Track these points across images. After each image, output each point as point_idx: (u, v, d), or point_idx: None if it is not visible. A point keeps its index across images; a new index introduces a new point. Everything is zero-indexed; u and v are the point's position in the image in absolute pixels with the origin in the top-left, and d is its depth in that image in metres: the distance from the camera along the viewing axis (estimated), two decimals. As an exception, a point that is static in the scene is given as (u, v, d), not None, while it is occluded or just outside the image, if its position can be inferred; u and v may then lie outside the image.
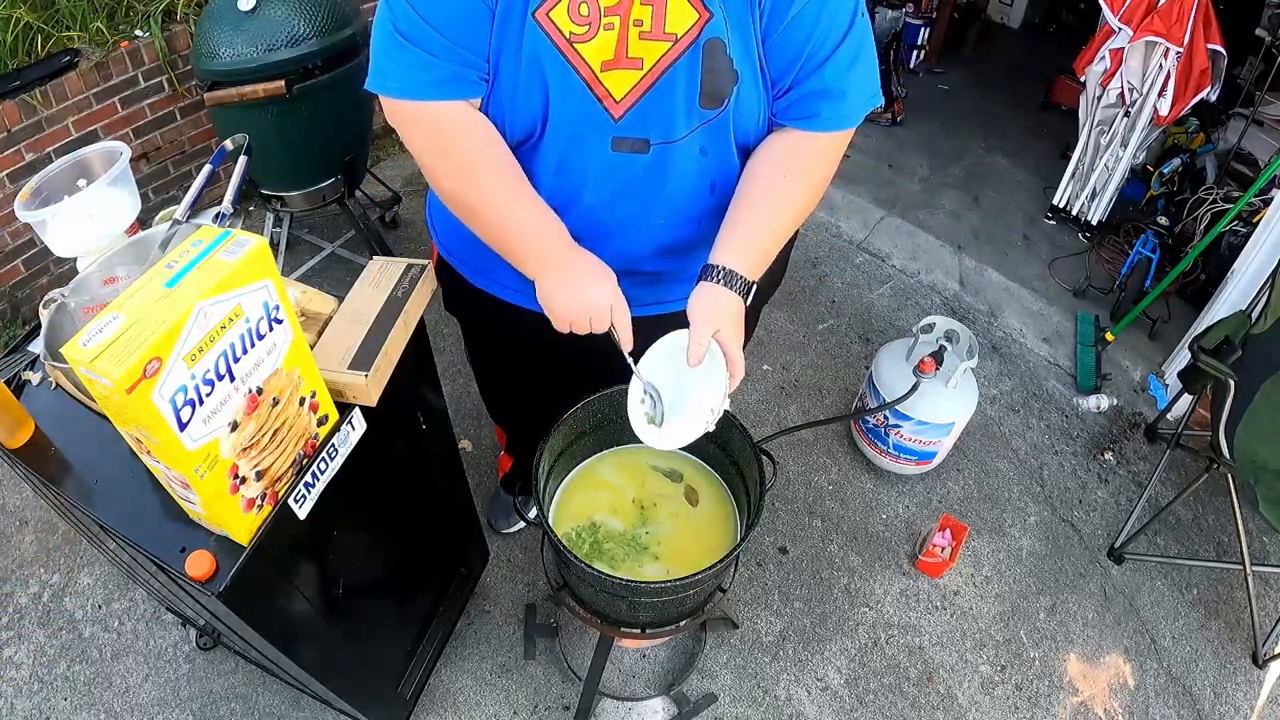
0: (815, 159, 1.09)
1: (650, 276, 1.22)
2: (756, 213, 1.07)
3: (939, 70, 4.30)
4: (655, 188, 1.09)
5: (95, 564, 1.96)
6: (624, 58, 0.99)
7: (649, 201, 1.11)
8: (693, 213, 1.15)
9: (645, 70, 1.00)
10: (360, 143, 2.47)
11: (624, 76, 1.00)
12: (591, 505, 1.39)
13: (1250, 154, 3.01)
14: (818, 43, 1.01)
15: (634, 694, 1.83)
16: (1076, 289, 2.98)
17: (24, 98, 2.23)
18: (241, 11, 2.02)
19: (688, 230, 1.16)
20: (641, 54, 0.99)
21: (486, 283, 1.29)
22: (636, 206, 1.11)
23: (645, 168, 1.07)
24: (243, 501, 0.92)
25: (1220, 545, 2.22)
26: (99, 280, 1.07)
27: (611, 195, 1.10)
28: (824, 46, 1.02)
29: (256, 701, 1.75)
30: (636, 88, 1.01)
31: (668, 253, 1.19)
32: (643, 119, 1.03)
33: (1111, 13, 2.70)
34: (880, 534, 2.17)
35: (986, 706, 1.86)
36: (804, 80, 1.04)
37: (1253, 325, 1.88)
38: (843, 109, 1.06)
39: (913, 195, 3.45)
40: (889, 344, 2.22)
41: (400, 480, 1.37)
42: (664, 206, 1.12)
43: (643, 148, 1.05)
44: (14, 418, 1.05)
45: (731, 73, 1.01)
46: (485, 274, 1.29)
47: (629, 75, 1.00)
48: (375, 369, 1.05)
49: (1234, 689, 1.93)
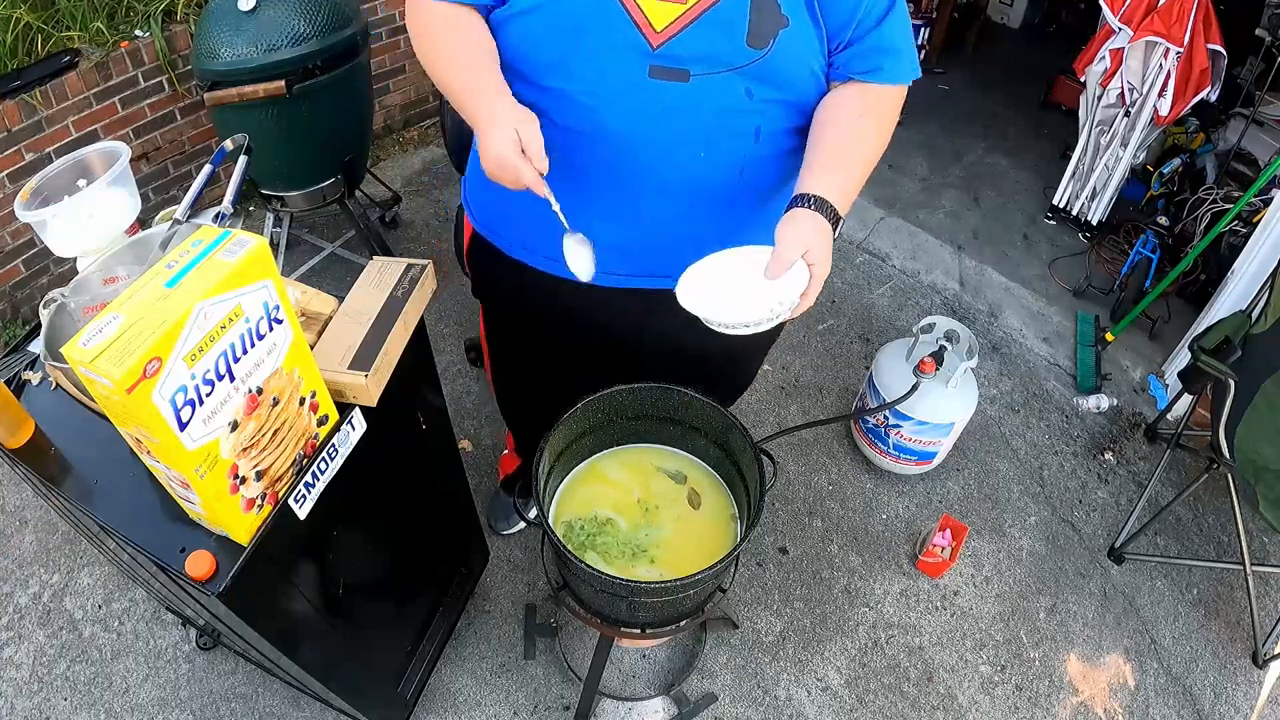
0: (884, 106, 1.12)
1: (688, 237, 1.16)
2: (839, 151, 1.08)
3: (939, 70, 4.30)
4: (694, 118, 1.07)
5: (95, 564, 1.96)
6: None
7: (686, 131, 1.08)
8: (735, 158, 1.12)
9: (689, 4, 1.00)
10: (360, 143, 2.47)
11: (666, 8, 1.01)
12: (596, 500, 1.40)
13: (1250, 154, 3.01)
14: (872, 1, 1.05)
15: (634, 694, 1.83)
16: (1076, 289, 2.98)
17: (24, 98, 2.23)
18: (241, 11, 2.02)
19: (729, 177, 1.14)
20: None
21: (526, 255, 1.29)
22: (671, 136, 1.08)
23: (683, 97, 1.05)
24: (243, 501, 0.92)
25: (1220, 545, 2.22)
26: (99, 280, 1.07)
27: (648, 123, 1.07)
28: (879, 3, 1.06)
29: (256, 701, 1.75)
30: (680, 19, 1.01)
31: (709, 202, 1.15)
32: (684, 50, 1.02)
33: (1111, 13, 2.70)
34: (880, 534, 2.17)
35: (986, 706, 1.86)
36: (864, 36, 1.07)
37: (1253, 325, 1.88)
38: (902, 64, 1.10)
39: (913, 195, 3.45)
40: (889, 344, 2.22)
41: (400, 480, 1.37)
42: (702, 137, 1.09)
43: (682, 77, 1.04)
44: (14, 418, 1.05)
45: (779, 15, 1.02)
46: (525, 246, 1.29)
47: (672, 8, 1.01)
48: (375, 369, 1.05)
49: (1234, 689, 1.93)
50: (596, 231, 1.11)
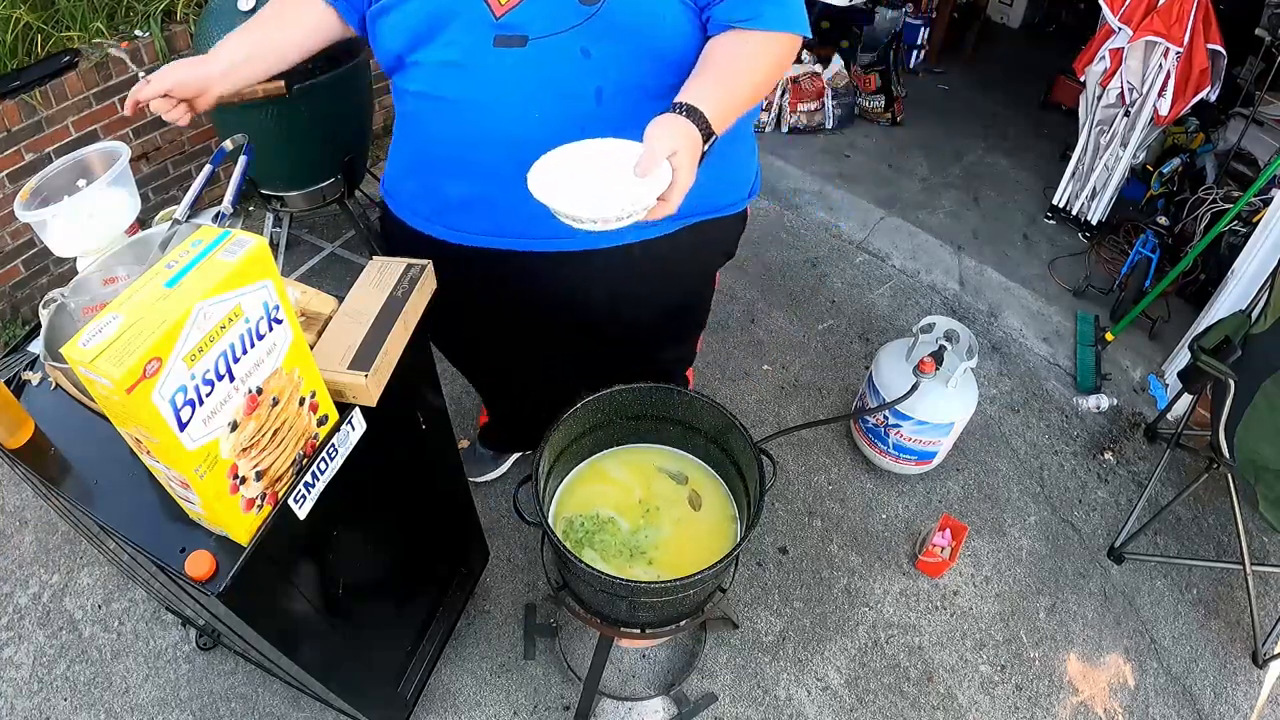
0: (766, 47, 1.10)
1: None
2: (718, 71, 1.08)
3: (939, 70, 4.30)
4: (532, 84, 1.11)
5: (95, 564, 1.96)
6: None
7: (527, 100, 1.12)
8: (574, 116, 1.13)
9: None
10: (360, 143, 2.47)
11: None
12: (598, 499, 1.40)
13: (1250, 154, 3.00)
14: None
15: (634, 694, 1.83)
16: (1076, 289, 2.98)
17: (24, 98, 2.23)
18: (241, 11, 2.01)
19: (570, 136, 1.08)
20: None
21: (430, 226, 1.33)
22: (516, 104, 1.12)
23: (521, 61, 1.09)
24: (243, 501, 0.92)
25: (1220, 545, 2.22)
26: (99, 280, 1.07)
27: (494, 93, 1.12)
28: None
29: (256, 701, 1.75)
30: None
31: None
32: (523, 15, 1.07)
33: (1111, 13, 2.71)
34: (880, 534, 2.17)
35: (986, 706, 1.86)
36: None
37: (1253, 325, 1.88)
38: (786, 12, 1.10)
39: (912, 195, 3.45)
40: (889, 344, 2.22)
41: (400, 480, 1.37)
42: (540, 103, 1.12)
43: (520, 43, 1.08)
44: (14, 418, 1.05)
45: None
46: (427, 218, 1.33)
47: None
48: (375, 369, 1.05)
49: (1234, 689, 1.94)
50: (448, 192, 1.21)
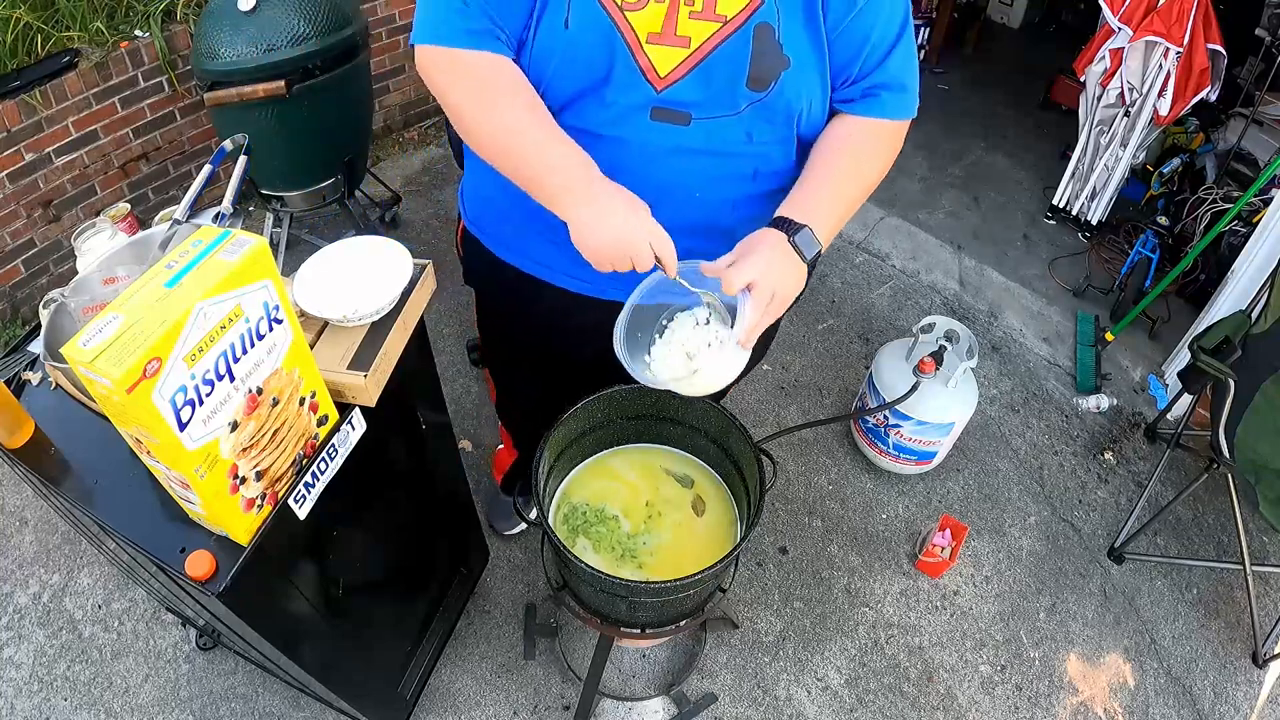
0: (883, 143, 1.13)
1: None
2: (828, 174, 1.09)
3: (939, 70, 4.30)
4: (693, 161, 1.09)
5: (95, 564, 1.96)
6: (672, 34, 1.01)
7: (685, 174, 1.10)
8: (730, 195, 1.14)
9: (692, 49, 1.01)
10: (360, 143, 2.47)
11: (670, 53, 1.02)
12: (607, 494, 1.40)
13: (1250, 154, 3.00)
14: (880, 34, 1.05)
15: (634, 694, 1.83)
16: (1076, 289, 2.98)
17: (24, 98, 2.23)
18: (241, 11, 2.02)
19: (722, 213, 1.16)
20: (689, 32, 1.01)
21: (512, 256, 1.30)
22: (672, 177, 1.10)
23: (685, 139, 1.07)
24: (243, 501, 0.92)
25: (1220, 545, 2.22)
26: (99, 280, 1.06)
27: (647, 164, 1.09)
28: (886, 38, 1.06)
29: (256, 701, 1.75)
30: (682, 65, 1.02)
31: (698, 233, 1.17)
32: (686, 94, 1.04)
33: (1111, 13, 2.70)
34: (880, 534, 2.17)
35: (986, 706, 1.86)
36: (870, 72, 1.08)
37: (1253, 325, 1.88)
38: (905, 99, 1.11)
39: (912, 195, 3.45)
40: (889, 344, 2.22)
41: (400, 480, 1.38)
42: (700, 180, 1.11)
43: (683, 120, 1.06)
44: (14, 418, 1.05)
45: (781, 57, 1.02)
46: (510, 247, 1.30)
47: (676, 53, 1.01)
48: (375, 369, 1.05)
49: (1234, 689, 1.93)
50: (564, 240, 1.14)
